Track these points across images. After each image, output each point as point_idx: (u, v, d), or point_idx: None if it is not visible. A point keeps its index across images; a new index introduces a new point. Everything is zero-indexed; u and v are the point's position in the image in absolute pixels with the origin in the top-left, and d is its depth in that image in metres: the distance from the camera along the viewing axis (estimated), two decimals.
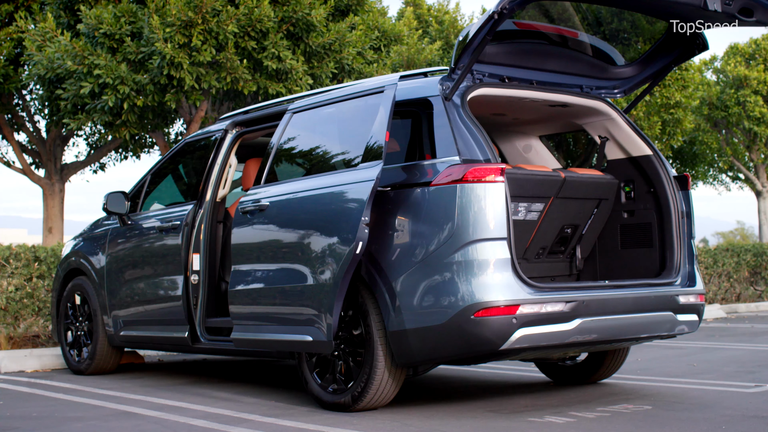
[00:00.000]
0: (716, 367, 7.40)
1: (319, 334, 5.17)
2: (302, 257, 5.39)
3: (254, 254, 5.80)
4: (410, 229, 5.07)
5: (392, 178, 5.28)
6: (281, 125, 6.06)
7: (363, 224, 4.95)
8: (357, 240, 4.96)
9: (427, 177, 5.09)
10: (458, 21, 22.58)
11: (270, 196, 5.78)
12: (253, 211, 5.81)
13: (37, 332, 8.84)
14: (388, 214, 5.20)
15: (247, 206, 5.86)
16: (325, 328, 5.12)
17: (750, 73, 25.20)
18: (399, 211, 5.16)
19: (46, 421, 5.35)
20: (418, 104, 5.42)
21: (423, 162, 5.20)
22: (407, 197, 5.15)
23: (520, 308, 4.83)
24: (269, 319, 5.66)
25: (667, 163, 5.96)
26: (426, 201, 5.04)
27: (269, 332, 5.64)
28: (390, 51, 16.00)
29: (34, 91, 16.08)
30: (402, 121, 5.56)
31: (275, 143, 6.01)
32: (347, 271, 5.01)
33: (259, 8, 11.35)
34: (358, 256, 4.98)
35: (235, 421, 5.13)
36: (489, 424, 4.93)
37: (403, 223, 5.12)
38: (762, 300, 16.02)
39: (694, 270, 5.78)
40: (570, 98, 5.88)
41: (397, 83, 5.30)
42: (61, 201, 17.36)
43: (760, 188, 27.86)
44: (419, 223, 5.03)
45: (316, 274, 5.23)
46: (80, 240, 7.86)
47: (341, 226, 5.11)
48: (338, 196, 5.28)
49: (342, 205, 5.21)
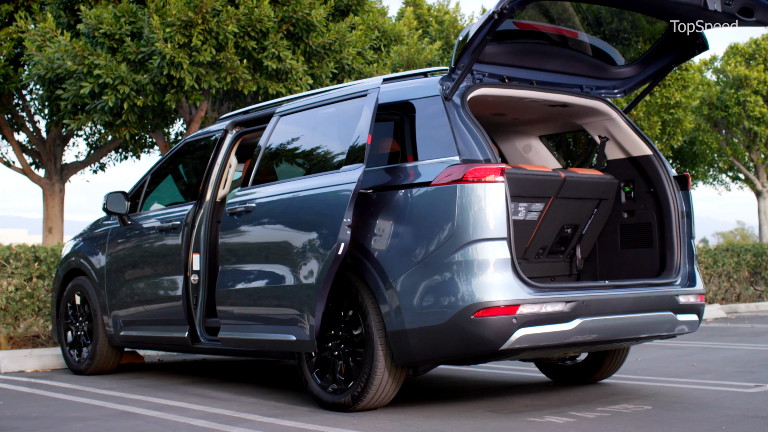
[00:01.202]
0: (716, 367, 7.40)
1: (303, 333, 5.27)
2: (286, 258, 5.47)
3: (240, 255, 5.89)
4: (410, 229, 5.07)
5: (391, 179, 5.28)
6: (269, 127, 6.16)
7: (345, 226, 5.03)
8: (339, 241, 5.04)
9: (426, 178, 5.09)
10: (458, 21, 22.58)
11: (256, 198, 5.86)
12: (240, 213, 5.91)
13: (37, 332, 8.84)
14: (387, 214, 5.21)
15: (234, 208, 5.95)
16: (308, 328, 5.22)
17: (750, 73, 25.19)
18: (399, 211, 5.16)
19: (46, 421, 5.35)
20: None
21: (422, 162, 5.20)
22: (407, 197, 5.15)
23: (520, 308, 4.83)
24: (255, 319, 5.76)
25: (667, 163, 5.96)
26: (426, 201, 5.04)
27: (255, 332, 5.74)
28: (390, 51, 16.00)
29: (34, 91, 16.08)
30: (402, 121, 5.55)
31: (263, 145, 6.11)
32: (329, 272, 5.09)
33: (259, 8, 11.35)
34: (340, 258, 5.06)
35: (235, 421, 5.13)
36: (489, 424, 4.93)
37: (402, 223, 5.12)
38: (762, 300, 16.02)
39: (694, 270, 5.78)
40: (570, 98, 5.88)
41: (380, 87, 5.37)
42: (61, 201, 17.36)
43: (760, 188, 27.86)
44: (419, 223, 5.03)
45: (300, 275, 5.33)
46: (80, 240, 7.86)
47: (324, 227, 5.20)
48: (321, 199, 5.35)
49: (324, 208, 5.28)
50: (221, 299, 5.98)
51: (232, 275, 5.92)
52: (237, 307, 5.90)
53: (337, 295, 5.39)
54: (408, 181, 5.18)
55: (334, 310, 5.42)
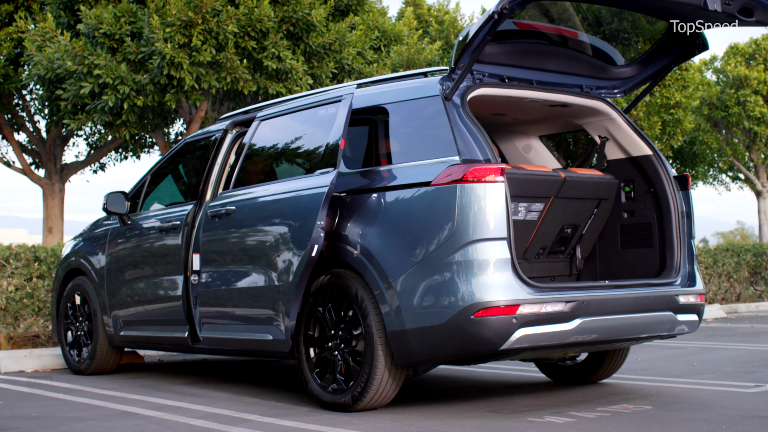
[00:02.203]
0: (716, 367, 7.40)
1: (279, 333, 5.49)
2: (263, 260, 5.69)
3: (221, 256, 6.10)
4: (410, 229, 5.07)
5: (391, 179, 5.28)
6: (250, 132, 6.38)
7: (318, 228, 5.21)
8: (312, 243, 5.21)
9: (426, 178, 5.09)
10: (458, 21, 22.57)
11: (235, 201, 6.08)
12: (221, 215, 6.12)
13: (37, 332, 8.84)
14: (387, 214, 5.21)
15: (214, 210, 6.15)
16: (283, 328, 5.44)
17: (750, 73, 25.19)
18: (399, 211, 5.17)
19: (46, 421, 5.35)
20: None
21: (422, 162, 5.19)
22: (406, 197, 5.15)
23: (520, 308, 4.83)
24: (234, 319, 5.98)
25: (667, 163, 5.96)
26: (426, 201, 5.04)
27: (234, 331, 5.99)
28: (390, 51, 16.00)
29: (34, 91, 16.08)
30: (403, 122, 5.55)
31: (244, 149, 6.32)
32: (303, 274, 5.27)
33: (259, 8, 11.34)
34: (314, 259, 5.24)
35: (235, 421, 5.13)
36: (489, 424, 4.93)
37: (402, 223, 5.12)
38: (762, 300, 16.02)
39: (694, 270, 5.78)
40: (570, 98, 5.88)
41: (353, 93, 5.54)
42: (61, 201, 17.36)
43: (760, 188, 27.86)
44: (419, 223, 5.03)
45: (276, 276, 5.54)
46: (80, 240, 7.86)
47: (298, 230, 5.40)
48: (296, 202, 5.53)
49: (299, 211, 5.46)
50: (203, 299, 6.20)
51: (213, 276, 6.14)
52: (217, 308, 6.12)
53: (337, 295, 5.40)
54: (408, 181, 5.18)
55: (334, 310, 5.43)
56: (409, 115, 5.42)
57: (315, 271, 5.57)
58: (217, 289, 6.09)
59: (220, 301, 6.09)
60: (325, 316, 5.45)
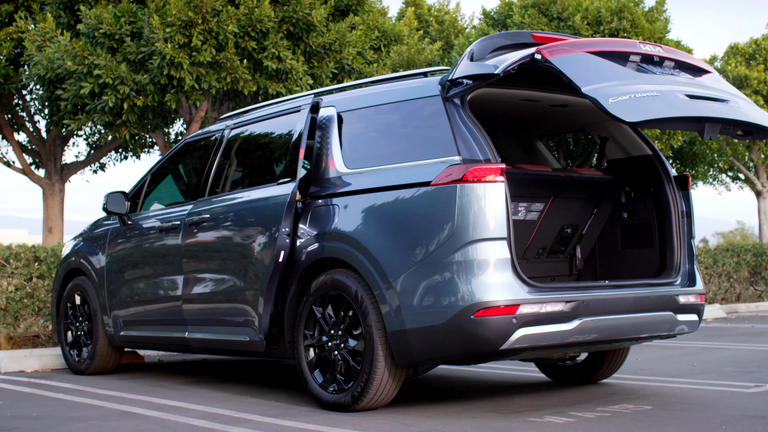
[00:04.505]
0: (716, 367, 7.40)
1: (254, 334, 5.77)
2: (237, 265, 5.96)
3: (199, 261, 6.34)
4: (410, 229, 5.07)
5: (391, 179, 5.27)
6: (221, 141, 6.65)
7: (283, 234, 5.51)
8: (278, 249, 5.52)
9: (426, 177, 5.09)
10: (458, 21, 22.58)
11: (209, 208, 6.34)
12: (198, 223, 6.37)
13: (37, 332, 8.84)
14: (387, 214, 5.21)
15: (192, 218, 6.45)
16: (257, 329, 5.71)
17: (750, 73, 25.19)
18: (398, 210, 5.16)
19: (46, 421, 5.35)
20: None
21: (422, 162, 5.19)
22: (406, 197, 5.14)
23: (520, 308, 4.83)
24: (214, 321, 6.20)
25: (667, 163, 5.96)
26: (426, 201, 5.04)
27: (214, 333, 6.24)
28: (390, 51, 15.99)
29: (34, 91, 16.07)
30: (402, 122, 5.55)
31: (216, 158, 6.59)
32: (272, 278, 5.56)
33: (259, 8, 11.34)
34: (281, 264, 5.53)
35: (235, 421, 5.13)
36: (489, 424, 4.93)
37: (402, 222, 5.12)
38: (762, 300, 16.02)
39: (694, 270, 5.78)
40: (570, 98, 5.88)
41: (311, 102, 5.83)
42: (61, 201, 17.35)
43: (760, 188, 27.86)
44: (419, 223, 5.03)
45: (249, 281, 5.82)
46: (80, 240, 7.86)
47: (265, 237, 5.69)
48: (262, 209, 5.82)
49: (265, 218, 5.75)
50: (186, 302, 6.42)
51: (193, 280, 6.38)
52: (198, 311, 6.36)
53: (337, 295, 5.40)
54: (408, 181, 5.17)
55: (334, 310, 5.43)
56: (409, 115, 5.41)
57: (315, 271, 5.58)
58: (198, 293, 6.33)
59: (200, 304, 6.33)
60: (325, 316, 5.45)
